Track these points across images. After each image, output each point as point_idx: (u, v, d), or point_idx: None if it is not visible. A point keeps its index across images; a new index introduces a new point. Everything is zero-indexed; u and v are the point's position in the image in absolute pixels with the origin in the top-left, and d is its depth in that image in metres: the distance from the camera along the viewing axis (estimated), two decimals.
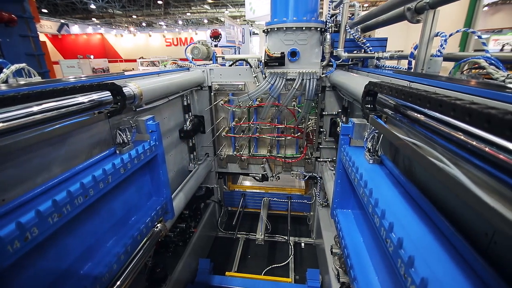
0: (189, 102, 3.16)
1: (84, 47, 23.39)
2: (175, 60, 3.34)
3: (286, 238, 3.74)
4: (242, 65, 3.29)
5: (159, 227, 2.11)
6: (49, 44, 19.42)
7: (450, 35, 1.73)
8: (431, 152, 0.88)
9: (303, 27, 2.76)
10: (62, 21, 22.80)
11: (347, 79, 2.22)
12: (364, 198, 1.23)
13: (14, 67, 1.66)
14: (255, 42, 21.01)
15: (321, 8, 3.47)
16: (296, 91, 2.88)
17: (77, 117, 1.40)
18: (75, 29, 24.82)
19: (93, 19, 23.98)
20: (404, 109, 1.08)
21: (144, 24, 27.02)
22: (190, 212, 3.17)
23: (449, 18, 6.74)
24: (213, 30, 4.17)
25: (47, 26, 21.35)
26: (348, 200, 1.86)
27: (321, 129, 3.29)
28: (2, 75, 1.61)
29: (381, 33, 3.77)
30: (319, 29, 2.81)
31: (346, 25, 2.62)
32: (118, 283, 1.58)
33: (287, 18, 2.75)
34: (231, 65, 3.39)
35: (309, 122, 3.23)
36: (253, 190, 4.27)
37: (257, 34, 19.98)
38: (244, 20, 15.76)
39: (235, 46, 11.46)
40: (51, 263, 1.27)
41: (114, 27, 26.92)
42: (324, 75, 2.96)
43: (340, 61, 2.81)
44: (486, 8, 11.91)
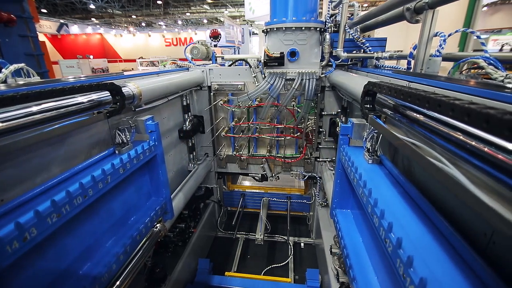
0: (188, 102, 3.15)
1: (84, 47, 23.39)
2: (175, 60, 3.34)
3: (286, 238, 3.74)
4: (241, 65, 3.29)
5: (158, 227, 2.10)
6: (48, 44, 19.40)
7: (449, 35, 1.74)
8: (430, 152, 0.88)
9: (302, 27, 2.76)
10: (62, 21, 22.79)
11: (346, 79, 2.22)
12: (363, 198, 1.23)
13: (13, 67, 1.66)
14: (255, 42, 21.05)
15: (320, 8, 3.47)
16: (295, 91, 2.88)
17: (76, 117, 1.40)
18: (74, 29, 24.81)
19: (93, 19, 23.96)
20: (403, 109, 1.09)
21: (143, 24, 27.00)
22: (189, 212, 3.17)
23: (448, 18, 6.76)
24: (213, 30, 4.17)
25: (46, 26, 21.33)
26: (348, 200, 1.86)
27: (321, 129, 3.29)
28: (1, 75, 1.61)
29: (381, 33, 3.77)
30: (318, 29, 2.81)
31: (345, 25, 2.62)
32: (118, 283, 1.57)
33: (286, 18, 2.75)
34: (230, 65, 3.38)
35: (309, 122, 3.23)
36: (252, 190, 4.27)
37: (256, 34, 20.01)
38: (243, 20, 15.78)
39: (234, 46, 11.48)
40: (50, 263, 1.27)
41: (113, 27, 26.90)
42: (323, 75, 2.96)
43: (339, 61, 2.82)
44: (485, 8, 11.93)
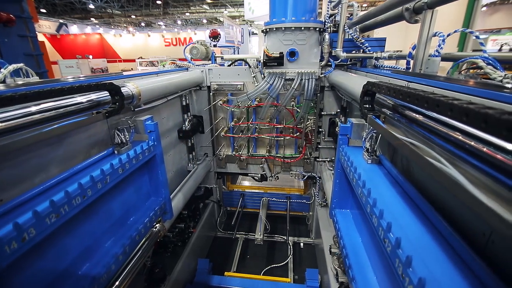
0: (188, 102, 3.15)
1: (83, 47, 23.39)
2: (174, 60, 3.33)
3: (285, 238, 3.73)
4: (241, 65, 3.29)
5: (157, 227, 2.10)
6: (47, 44, 19.35)
7: (448, 35, 1.74)
8: (429, 152, 0.88)
9: (301, 27, 2.76)
10: (61, 21, 22.78)
11: (346, 79, 2.22)
12: (363, 198, 1.23)
13: (11, 67, 1.66)
14: (254, 42, 21.05)
15: (319, 8, 3.47)
16: (295, 91, 2.88)
17: (75, 117, 1.40)
18: (73, 29, 24.81)
19: (92, 19, 23.97)
20: (402, 109, 1.09)
21: (143, 24, 27.00)
22: (189, 212, 3.17)
23: (447, 18, 6.77)
24: (212, 30, 4.17)
25: (45, 26, 21.32)
26: (347, 200, 1.86)
27: (320, 129, 3.29)
28: None
29: (380, 33, 3.77)
30: (317, 29, 2.81)
31: (344, 25, 2.63)
32: (117, 283, 1.57)
33: (285, 18, 2.75)
34: (230, 65, 3.38)
35: (308, 122, 3.23)
36: (252, 190, 4.26)
37: (256, 34, 20.02)
38: (243, 20, 15.78)
39: (234, 46, 11.49)
40: (49, 264, 1.27)
41: (113, 27, 26.89)
42: (323, 75, 2.96)
43: (338, 61, 2.82)
44: (484, 8, 11.93)
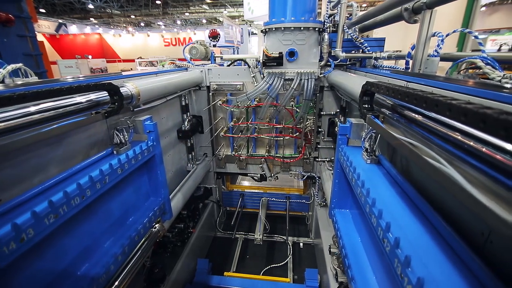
0: (187, 102, 3.15)
1: (82, 47, 23.36)
2: (173, 60, 3.33)
3: (285, 238, 3.73)
4: (240, 65, 3.29)
5: (157, 227, 2.10)
6: (47, 44, 19.33)
7: (447, 35, 1.74)
8: (428, 152, 0.88)
9: (301, 27, 2.76)
10: (60, 21, 22.76)
11: (345, 79, 2.22)
12: (362, 198, 1.23)
13: (10, 67, 1.65)
14: (254, 42, 21.06)
15: (319, 8, 3.47)
16: (294, 91, 2.88)
17: (74, 117, 1.40)
18: (73, 29, 24.79)
19: (91, 19, 23.96)
20: (401, 109, 1.09)
21: (142, 24, 26.99)
22: (188, 212, 3.17)
23: (447, 18, 6.77)
24: (212, 30, 4.18)
25: (45, 26, 21.30)
26: (346, 200, 1.86)
27: (319, 129, 3.29)
28: None
29: (379, 33, 3.77)
30: (317, 29, 2.81)
31: (344, 25, 2.63)
32: (116, 283, 1.57)
33: (285, 18, 2.75)
34: (229, 65, 3.38)
35: (308, 122, 3.23)
36: (251, 190, 4.26)
37: (255, 34, 20.02)
38: (242, 20, 15.79)
39: (233, 46, 11.49)
40: (48, 264, 1.27)
41: (112, 27, 26.88)
42: (322, 75, 2.96)
43: (338, 61, 2.82)
44: (483, 8, 11.96)
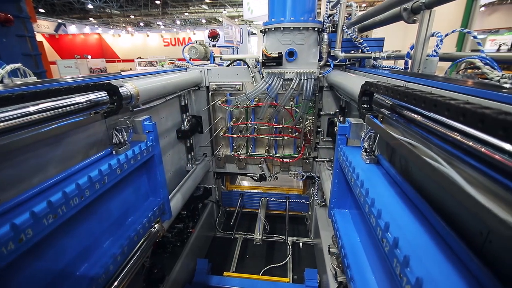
0: (186, 102, 3.15)
1: (82, 47, 23.30)
2: (173, 60, 3.33)
3: (284, 238, 3.73)
4: (239, 65, 3.29)
5: (156, 227, 2.10)
6: (46, 44, 19.30)
7: (446, 35, 1.74)
8: (427, 152, 0.88)
9: (300, 27, 2.76)
10: (60, 21, 22.74)
11: (344, 79, 2.22)
12: (361, 198, 1.23)
13: (9, 67, 1.65)
14: (253, 42, 21.05)
15: (318, 8, 3.47)
16: (293, 91, 2.88)
17: (73, 117, 1.40)
18: (72, 29, 24.75)
19: (91, 19, 23.92)
20: (400, 109, 1.09)
21: (142, 24, 26.97)
22: (188, 212, 3.16)
23: (446, 18, 6.77)
24: (211, 30, 4.17)
25: (44, 26, 21.27)
26: (345, 200, 1.86)
27: (319, 129, 3.29)
28: None
29: (379, 33, 3.77)
30: (316, 29, 2.81)
31: (343, 25, 2.63)
32: (115, 283, 1.56)
33: (284, 18, 2.75)
34: (228, 65, 3.38)
35: (307, 122, 3.23)
36: (251, 190, 4.26)
37: (255, 34, 20.02)
38: (242, 20, 15.78)
39: (233, 46, 11.49)
40: (47, 264, 1.27)
41: (111, 27, 26.85)
42: (321, 75, 2.96)
43: (337, 61, 2.82)
44: (483, 8, 11.99)
